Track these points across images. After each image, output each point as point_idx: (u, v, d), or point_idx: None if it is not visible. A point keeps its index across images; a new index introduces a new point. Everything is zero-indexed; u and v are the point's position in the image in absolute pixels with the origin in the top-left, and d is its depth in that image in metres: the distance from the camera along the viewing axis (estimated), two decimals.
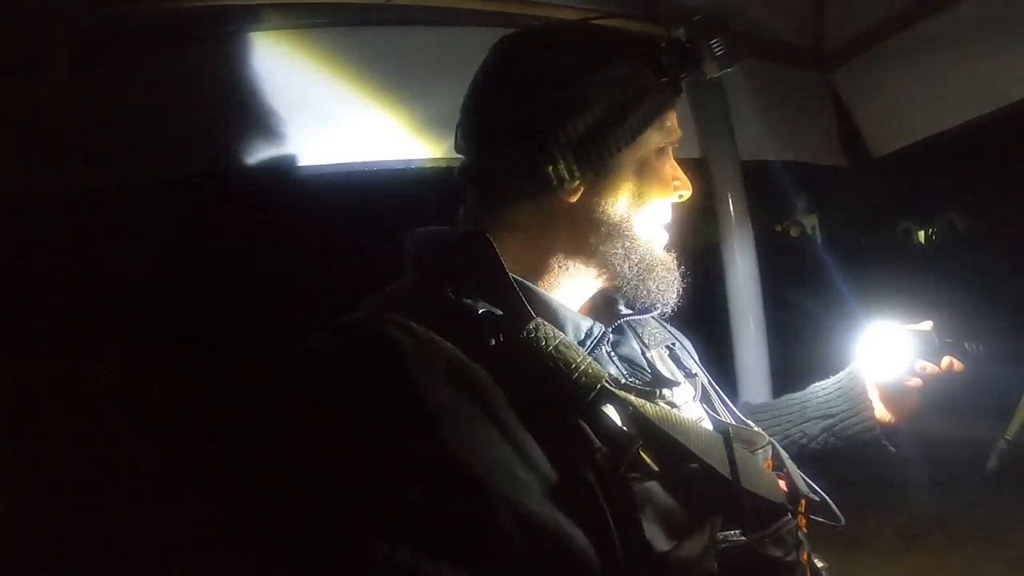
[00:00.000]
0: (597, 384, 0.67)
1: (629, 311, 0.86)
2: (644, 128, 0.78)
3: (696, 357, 0.95)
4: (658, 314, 0.86)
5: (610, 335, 0.80)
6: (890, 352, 0.98)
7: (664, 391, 0.77)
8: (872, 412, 1.00)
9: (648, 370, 0.83)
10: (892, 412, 1.01)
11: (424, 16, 1.33)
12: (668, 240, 0.86)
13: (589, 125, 0.75)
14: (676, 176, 0.84)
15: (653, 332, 0.90)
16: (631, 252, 0.79)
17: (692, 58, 0.84)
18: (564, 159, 0.75)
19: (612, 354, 0.80)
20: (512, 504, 0.61)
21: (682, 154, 1.71)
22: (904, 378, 0.97)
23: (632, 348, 0.85)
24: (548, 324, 0.71)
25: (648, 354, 0.86)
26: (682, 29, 0.87)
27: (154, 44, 1.23)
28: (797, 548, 0.75)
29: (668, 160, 0.84)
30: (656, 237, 0.83)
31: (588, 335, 0.76)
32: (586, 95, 0.75)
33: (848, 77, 1.91)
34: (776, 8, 1.72)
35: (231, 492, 0.68)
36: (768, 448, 0.81)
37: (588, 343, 0.76)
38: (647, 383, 0.79)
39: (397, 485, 0.61)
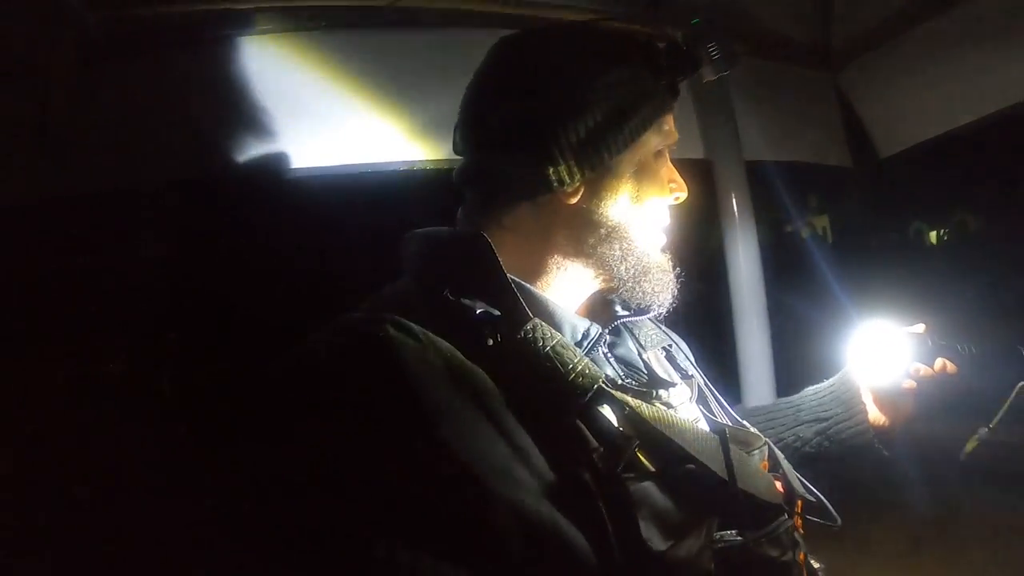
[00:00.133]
0: (594, 385, 0.68)
1: (626, 312, 0.86)
2: (643, 131, 0.79)
3: (692, 359, 0.95)
4: (654, 316, 0.86)
5: (607, 336, 0.80)
6: (884, 354, 0.97)
7: (660, 392, 0.77)
8: (865, 415, 1.00)
9: (644, 371, 0.83)
10: (886, 415, 1.00)
11: (423, 18, 1.34)
12: (665, 242, 0.86)
13: (588, 127, 0.75)
14: (673, 179, 0.84)
15: (649, 333, 0.90)
16: (628, 254, 0.80)
17: (690, 61, 0.85)
18: (563, 161, 0.75)
19: (609, 355, 0.81)
20: (510, 503, 0.61)
21: (686, 155, 1.73)
22: (898, 380, 0.97)
23: (629, 349, 0.85)
24: (545, 325, 0.71)
25: (644, 355, 0.86)
26: (680, 33, 0.88)
27: (158, 47, 1.25)
28: (793, 548, 0.75)
29: (666, 163, 0.84)
30: (653, 239, 0.84)
31: (585, 336, 0.77)
32: (585, 97, 0.75)
33: (855, 76, 1.90)
34: (782, 7, 1.72)
35: (229, 492, 0.68)
36: (764, 449, 0.81)
37: (585, 344, 0.76)
38: (643, 384, 0.79)
39: (395, 485, 0.61)
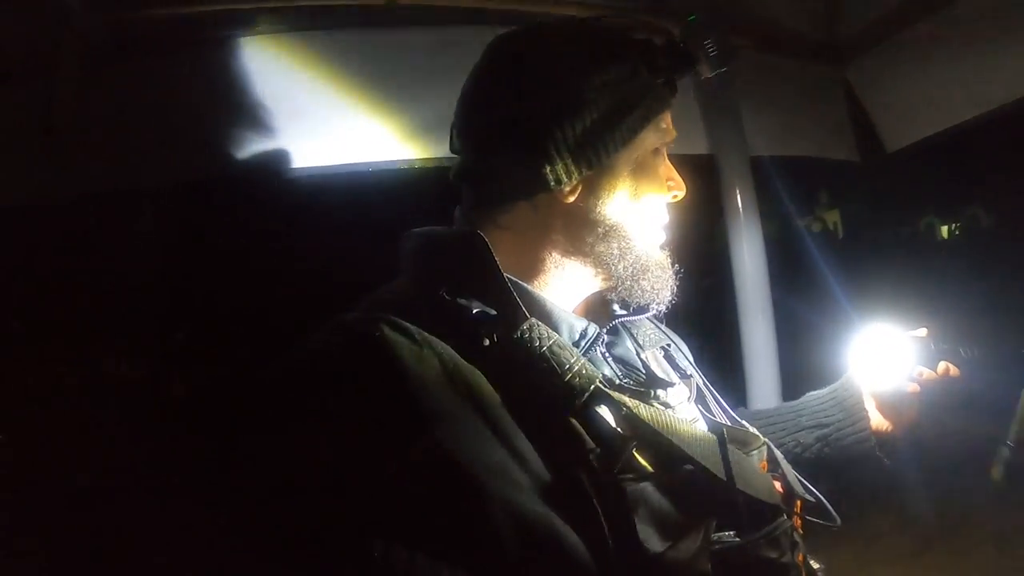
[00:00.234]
0: (591, 385, 0.67)
1: (624, 312, 0.86)
2: (640, 128, 0.78)
3: (691, 358, 0.95)
4: (653, 315, 0.86)
5: (604, 336, 0.80)
6: (886, 358, 0.96)
7: (659, 392, 0.76)
8: (867, 422, 0.98)
9: (643, 371, 0.83)
10: (889, 420, 0.99)
11: (420, 16, 1.34)
12: (663, 240, 0.85)
13: (586, 125, 0.75)
14: (671, 176, 0.84)
15: (648, 333, 0.90)
16: (626, 252, 0.79)
17: (687, 59, 0.84)
18: (560, 159, 0.75)
19: (607, 355, 0.80)
20: (506, 504, 0.61)
21: (690, 150, 1.71)
22: (901, 385, 0.95)
23: (627, 349, 0.84)
24: (542, 325, 0.71)
25: (643, 355, 0.86)
26: (677, 30, 0.87)
27: (161, 50, 1.25)
28: (792, 549, 0.74)
29: (663, 160, 0.84)
30: (651, 237, 0.83)
31: (582, 336, 0.76)
32: (582, 96, 0.75)
33: (862, 70, 1.88)
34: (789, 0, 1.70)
35: (227, 492, 0.69)
36: (763, 449, 0.80)
37: (582, 344, 0.76)
38: (641, 384, 0.79)
39: (391, 485, 0.61)
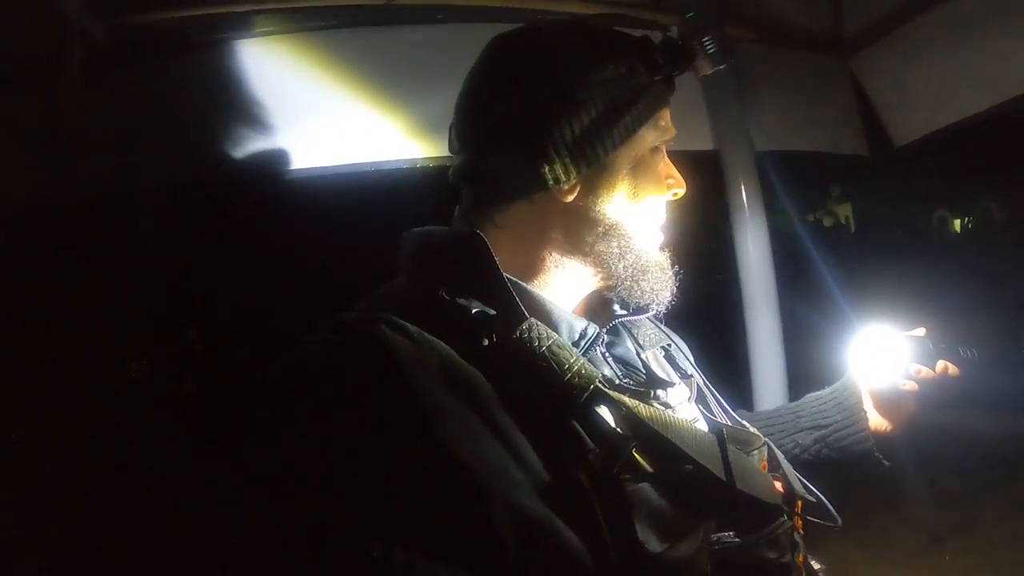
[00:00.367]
0: (590, 385, 0.67)
1: (624, 312, 0.85)
2: (639, 126, 0.78)
3: (691, 358, 0.94)
4: (653, 315, 0.85)
5: (604, 336, 0.80)
6: (884, 358, 0.95)
7: (658, 392, 0.76)
8: (866, 423, 0.98)
9: (643, 371, 0.83)
10: (888, 419, 0.99)
11: (420, 15, 1.34)
12: (663, 239, 0.85)
13: (584, 124, 0.74)
14: (670, 174, 0.83)
15: (648, 333, 0.90)
16: (626, 251, 0.79)
17: (685, 56, 0.83)
18: (559, 158, 0.74)
19: (606, 355, 0.80)
20: (506, 504, 0.61)
21: (694, 146, 1.70)
22: (899, 383, 0.95)
23: (627, 349, 0.84)
24: (541, 325, 0.70)
25: (643, 355, 0.86)
26: (675, 27, 0.86)
27: (163, 53, 1.26)
28: (792, 549, 0.74)
29: (663, 158, 0.83)
30: (651, 236, 0.83)
31: (582, 336, 0.76)
32: (581, 94, 0.75)
33: (869, 62, 1.86)
34: None
35: (226, 492, 0.69)
36: (764, 449, 0.80)
37: (582, 344, 0.75)
38: (641, 384, 0.79)
39: (391, 485, 0.61)
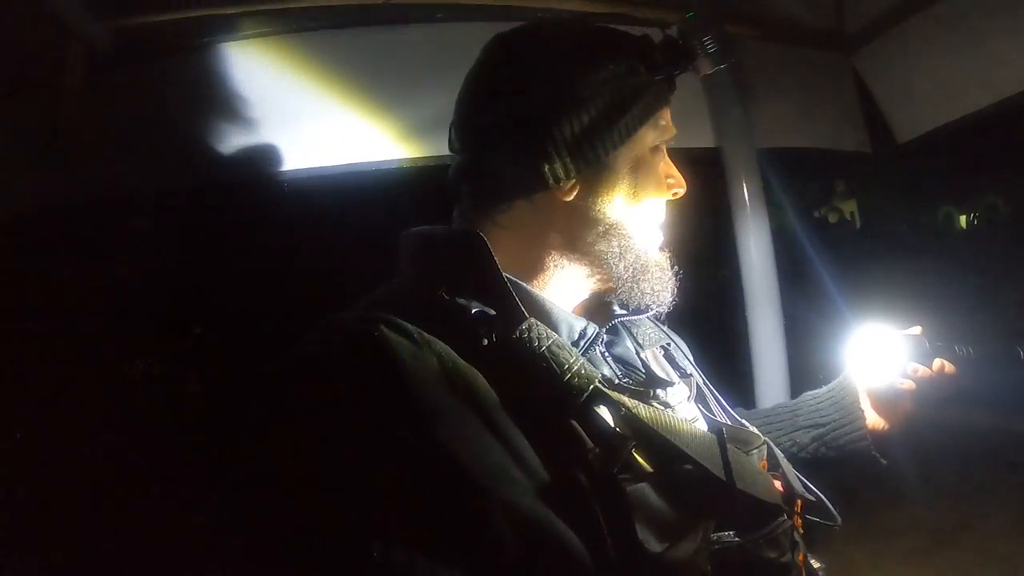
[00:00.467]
0: (590, 385, 0.67)
1: (623, 311, 0.85)
2: (639, 126, 0.78)
3: (691, 357, 0.94)
4: (653, 315, 0.85)
5: (604, 335, 0.80)
6: (882, 357, 0.96)
7: (658, 391, 0.76)
8: (863, 422, 0.98)
9: (642, 370, 0.83)
10: (885, 418, 0.98)
11: (419, 14, 1.34)
12: (663, 239, 0.85)
13: (584, 123, 0.74)
14: (670, 174, 0.83)
15: (647, 332, 0.89)
16: (626, 251, 0.79)
17: (685, 56, 0.83)
18: (559, 157, 0.74)
19: (606, 355, 0.80)
20: (506, 504, 0.61)
21: (695, 143, 1.69)
22: (896, 382, 0.95)
23: (626, 348, 0.84)
24: (541, 324, 0.70)
25: (642, 354, 0.86)
26: (675, 26, 0.86)
27: (164, 55, 1.27)
28: (792, 549, 0.74)
29: (663, 158, 0.83)
30: (651, 236, 0.83)
31: (582, 336, 0.76)
32: (580, 93, 0.75)
33: (871, 58, 1.85)
34: None
35: (226, 492, 0.69)
36: (763, 448, 0.80)
37: (582, 344, 0.75)
38: (641, 383, 0.79)
39: (390, 485, 0.61)
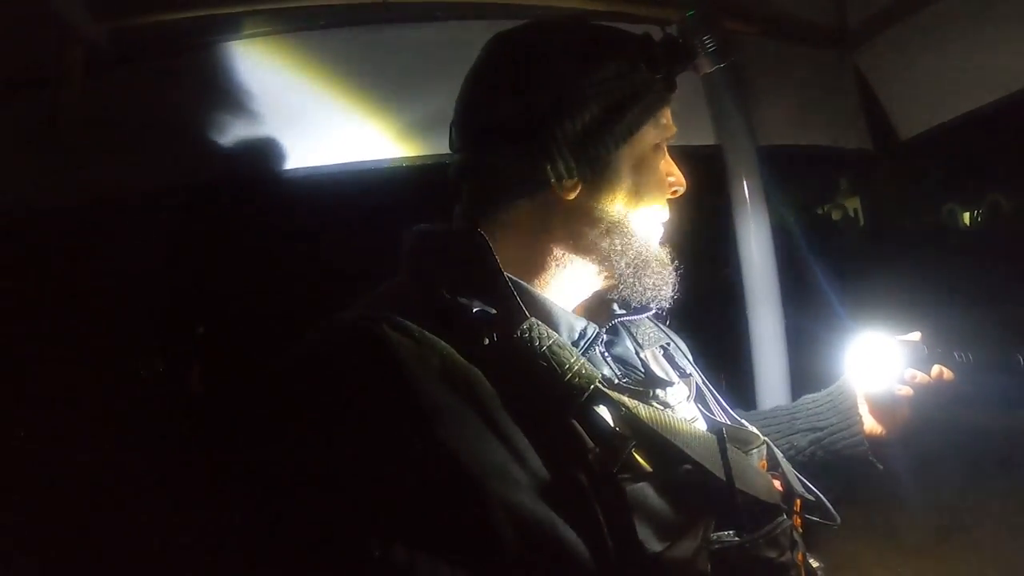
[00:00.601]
0: (590, 385, 0.67)
1: (623, 311, 0.86)
2: (640, 125, 0.78)
3: (690, 357, 0.95)
4: (653, 314, 0.85)
5: (604, 335, 0.80)
6: (879, 362, 0.96)
7: (658, 391, 0.76)
8: (861, 427, 0.98)
9: (642, 370, 0.83)
10: (882, 423, 0.99)
11: (419, 13, 1.34)
12: (664, 237, 0.85)
13: (586, 122, 0.75)
14: (671, 172, 0.84)
15: (647, 332, 0.90)
16: (628, 248, 0.79)
17: (685, 55, 0.83)
18: (561, 157, 0.75)
19: (606, 354, 0.80)
20: (506, 504, 0.61)
21: (696, 141, 1.69)
22: (894, 388, 0.95)
23: (626, 348, 0.84)
24: (542, 324, 0.71)
25: (642, 354, 0.86)
26: (675, 25, 0.86)
27: (162, 55, 1.27)
28: (792, 548, 0.74)
29: (663, 156, 0.83)
30: (652, 234, 0.83)
31: (582, 336, 0.76)
32: (581, 93, 0.75)
33: (872, 55, 1.84)
34: None
35: (227, 491, 0.70)
36: (763, 448, 0.80)
37: (582, 344, 0.76)
38: (640, 383, 0.79)
39: (392, 484, 0.62)
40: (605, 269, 0.80)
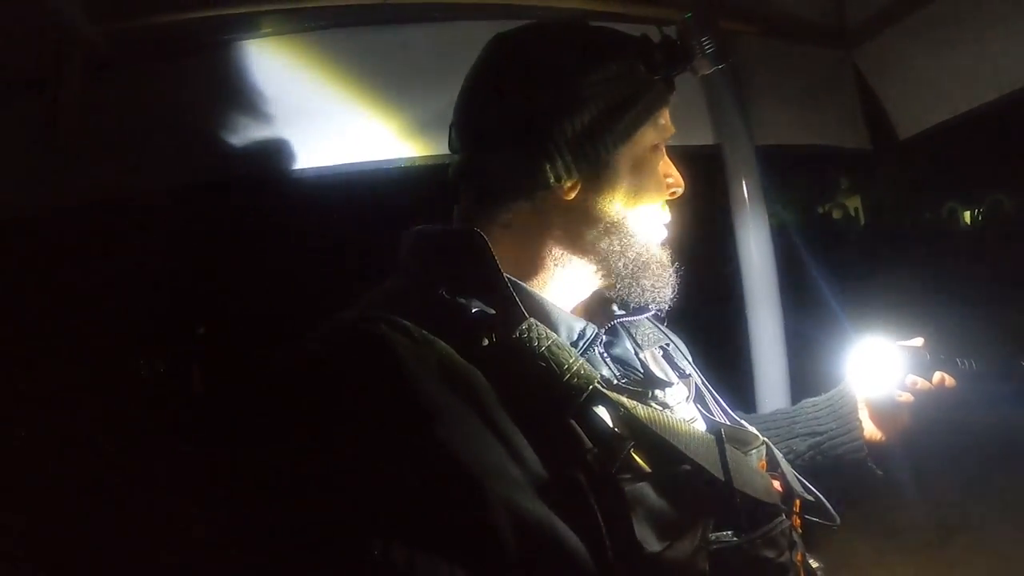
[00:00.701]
0: (589, 386, 0.67)
1: (623, 312, 0.86)
2: (639, 125, 0.78)
3: (690, 357, 0.94)
4: (652, 314, 0.85)
5: (603, 336, 0.80)
6: (880, 368, 0.95)
7: (657, 392, 0.76)
8: (861, 432, 0.98)
9: (641, 371, 0.83)
10: (882, 429, 0.98)
11: (418, 13, 1.34)
12: (663, 237, 0.85)
13: (585, 123, 0.75)
14: (669, 173, 0.84)
15: (647, 332, 0.90)
16: (627, 249, 0.79)
17: (683, 56, 0.84)
18: (560, 157, 0.75)
19: (605, 355, 0.80)
20: (505, 503, 0.61)
21: (694, 141, 1.69)
22: (894, 394, 0.94)
23: (625, 348, 0.84)
24: (541, 325, 0.71)
25: (641, 355, 0.86)
26: (674, 27, 0.86)
27: (161, 56, 1.27)
28: (791, 548, 0.74)
29: (662, 157, 0.84)
30: (651, 234, 0.83)
31: (581, 336, 0.76)
32: (580, 94, 0.75)
33: (871, 54, 1.84)
34: None
35: (227, 491, 0.70)
36: (762, 448, 0.80)
37: (581, 344, 0.76)
38: (639, 384, 0.79)
39: (391, 484, 0.62)
40: (604, 269, 0.80)
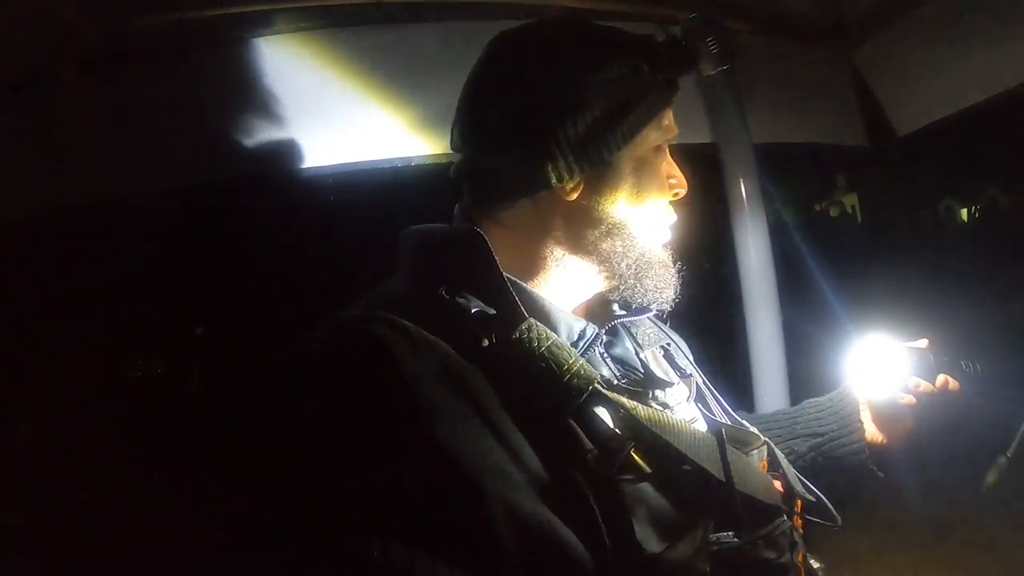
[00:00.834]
0: (589, 386, 0.67)
1: (623, 312, 0.86)
2: (642, 126, 0.78)
3: (691, 357, 0.94)
4: (653, 315, 0.85)
5: (603, 336, 0.80)
6: (883, 369, 0.94)
7: (657, 392, 0.76)
8: (862, 434, 0.97)
9: (641, 371, 0.83)
10: (884, 432, 0.98)
11: (419, 12, 1.34)
12: (666, 238, 0.85)
13: (588, 123, 0.74)
14: (672, 174, 0.83)
15: (647, 332, 0.90)
16: (629, 250, 0.79)
17: (688, 57, 0.84)
18: (562, 157, 0.74)
19: (605, 355, 0.80)
20: (505, 504, 0.61)
21: (691, 139, 1.69)
22: (897, 396, 0.94)
23: (626, 349, 0.84)
24: (541, 325, 0.71)
25: (642, 355, 0.86)
26: (678, 27, 0.86)
27: (158, 55, 1.26)
28: (792, 549, 0.74)
29: (665, 157, 0.83)
30: (653, 235, 0.83)
31: (581, 336, 0.76)
32: (583, 93, 0.75)
33: (870, 52, 1.84)
34: None
35: (226, 491, 0.70)
36: (763, 448, 0.80)
37: (581, 344, 0.76)
38: (640, 384, 0.79)
39: (390, 484, 0.62)
40: (606, 270, 0.80)
